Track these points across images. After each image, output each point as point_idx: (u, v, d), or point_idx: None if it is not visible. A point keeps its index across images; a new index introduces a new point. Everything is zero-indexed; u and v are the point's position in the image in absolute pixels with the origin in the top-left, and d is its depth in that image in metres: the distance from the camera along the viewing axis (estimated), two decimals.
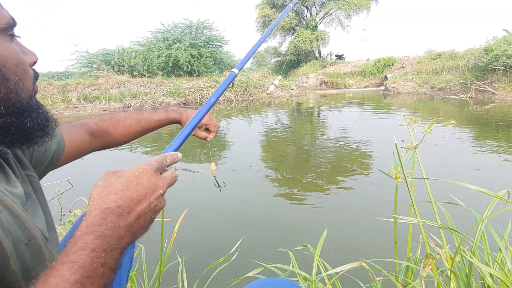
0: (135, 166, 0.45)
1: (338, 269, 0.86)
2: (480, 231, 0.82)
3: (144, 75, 13.68)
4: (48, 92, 10.79)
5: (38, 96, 0.52)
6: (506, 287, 0.73)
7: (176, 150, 0.59)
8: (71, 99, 10.74)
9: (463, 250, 0.82)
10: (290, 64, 25.87)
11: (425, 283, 0.87)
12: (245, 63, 0.91)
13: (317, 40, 24.34)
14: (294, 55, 25.26)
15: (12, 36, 0.45)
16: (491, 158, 3.79)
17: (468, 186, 0.79)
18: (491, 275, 0.80)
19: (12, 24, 0.44)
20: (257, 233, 2.22)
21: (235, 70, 0.82)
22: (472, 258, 0.76)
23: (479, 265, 0.75)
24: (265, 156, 4.44)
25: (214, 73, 15.44)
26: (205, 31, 17.19)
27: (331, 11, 25.29)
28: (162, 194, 0.46)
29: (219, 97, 0.74)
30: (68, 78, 14.52)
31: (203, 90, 12.50)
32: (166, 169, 0.50)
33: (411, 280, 0.90)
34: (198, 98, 12.14)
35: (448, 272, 0.81)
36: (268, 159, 4.22)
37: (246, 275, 1.16)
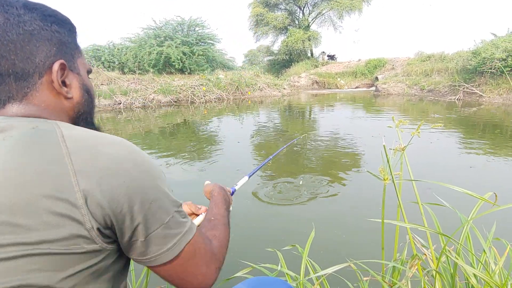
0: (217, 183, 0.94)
1: (325, 271, 0.86)
2: (465, 233, 0.83)
3: (134, 72, 13.53)
4: None
5: None
6: (489, 286, 0.75)
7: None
8: None
9: (449, 251, 0.83)
10: (282, 64, 25.93)
11: (411, 283, 0.88)
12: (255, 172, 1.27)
13: (309, 40, 24.45)
14: (286, 55, 25.32)
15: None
16: (478, 159, 3.87)
17: (454, 188, 0.80)
18: (475, 275, 0.81)
19: (91, 70, 0.68)
20: (245, 233, 2.22)
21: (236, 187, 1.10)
22: (457, 258, 0.77)
23: (463, 265, 0.76)
24: (254, 155, 4.44)
25: (206, 71, 15.35)
26: (197, 28, 17.08)
27: (324, 11, 25.44)
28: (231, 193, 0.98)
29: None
30: None
31: (194, 88, 12.41)
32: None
33: (398, 280, 0.91)
34: (190, 96, 12.06)
35: (434, 272, 0.82)
36: (258, 159, 4.22)
37: (234, 275, 1.16)
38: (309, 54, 26.36)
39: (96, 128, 0.67)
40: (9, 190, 0.44)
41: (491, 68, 10.82)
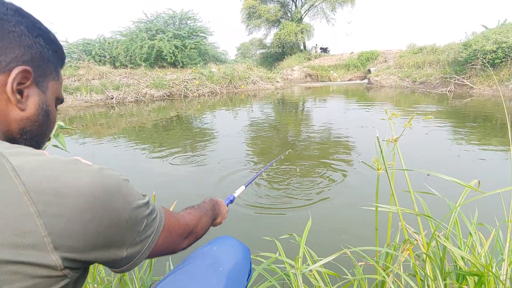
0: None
1: (323, 262, 0.91)
2: (453, 218, 0.89)
3: (126, 66, 13.38)
4: None
5: None
6: (475, 268, 0.80)
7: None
8: None
9: (438, 236, 0.88)
10: (275, 57, 25.87)
11: (403, 267, 0.94)
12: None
13: (302, 33, 24.39)
14: (279, 47, 25.25)
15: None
16: (468, 149, 3.96)
17: (443, 177, 0.84)
18: (462, 258, 0.86)
19: (62, 100, 0.65)
20: (242, 223, 2.26)
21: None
22: (446, 242, 0.82)
23: (452, 248, 0.81)
24: (249, 148, 4.48)
25: (198, 65, 15.27)
26: (189, 22, 16.94)
27: (316, 4, 25.36)
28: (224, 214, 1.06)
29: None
30: None
31: (187, 82, 12.34)
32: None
33: (391, 264, 0.96)
34: (183, 90, 11.99)
35: (424, 256, 0.87)
36: (252, 151, 4.25)
37: None
38: (302, 47, 26.33)
39: None
40: None
41: (482, 61, 10.96)
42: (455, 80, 11.87)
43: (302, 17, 25.79)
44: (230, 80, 13.51)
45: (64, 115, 8.20)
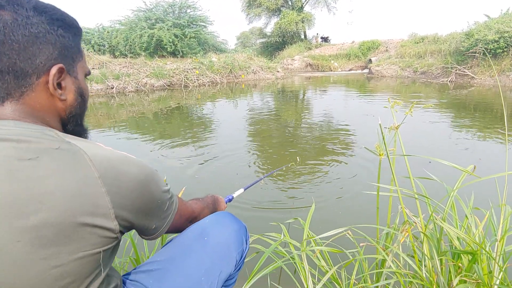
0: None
1: (326, 234, 0.96)
2: (450, 201, 0.94)
3: (126, 56, 13.30)
4: None
5: None
6: (470, 247, 0.85)
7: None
8: None
9: (435, 218, 0.94)
10: (275, 46, 25.63)
11: (402, 248, 0.99)
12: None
13: (302, 22, 24.13)
14: (279, 37, 25.00)
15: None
16: (467, 137, 4.01)
17: (442, 162, 0.89)
18: (458, 238, 0.92)
19: (89, 72, 0.74)
20: (249, 211, 2.33)
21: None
22: (442, 223, 0.87)
23: (448, 229, 0.86)
24: (250, 137, 4.52)
25: (198, 54, 15.17)
26: (188, 10, 16.75)
27: None
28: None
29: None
30: None
31: (187, 72, 12.30)
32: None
33: (390, 245, 1.01)
34: (183, 80, 11.96)
35: (422, 236, 0.93)
36: (254, 140, 4.30)
37: None
38: (302, 36, 26.08)
39: (85, 129, 0.76)
40: (56, 210, 0.51)
41: (481, 50, 10.91)
42: (456, 70, 11.83)
43: (303, 6, 25.48)
44: (230, 70, 13.46)
45: None
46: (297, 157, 3.37)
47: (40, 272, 0.51)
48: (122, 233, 0.61)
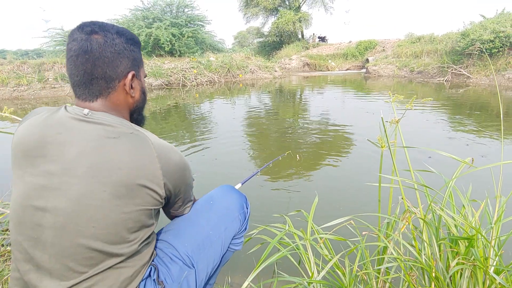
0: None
1: (330, 223, 1.01)
2: (448, 191, 0.98)
3: None
4: (22, 71, 10.33)
5: (12, 75, 2.00)
6: (467, 233, 0.90)
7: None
8: (47, 78, 10.35)
9: (434, 207, 0.98)
10: (272, 45, 25.67)
11: (403, 236, 1.04)
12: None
13: (300, 21, 24.18)
14: (277, 36, 25.05)
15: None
16: (463, 136, 4.08)
17: (441, 153, 0.94)
18: (455, 225, 0.97)
19: (146, 75, 0.96)
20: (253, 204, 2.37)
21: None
22: (441, 211, 0.92)
23: (446, 217, 0.91)
24: (248, 134, 4.56)
25: (196, 54, 15.17)
26: (186, 10, 16.72)
27: None
28: None
29: None
30: (41, 56, 13.86)
31: (185, 71, 12.31)
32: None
33: (391, 233, 1.06)
34: (181, 79, 11.98)
35: (421, 223, 0.98)
36: (252, 137, 4.34)
37: (250, 237, 1.31)
38: (299, 36, 26.14)
39: (144, 117, 0.99)
40: (128, 174, 0.74)
41: (478, 50, 11.02)
42: (452, 70, 11.94)
43: (300, 5, 25.53)
44: (228, 69, 13.48)
45: (63, 103, 8.19)
46: (297, 155, 3.42)
47: (115, 214, 0.74)
48: (164, 200, 0.84)
